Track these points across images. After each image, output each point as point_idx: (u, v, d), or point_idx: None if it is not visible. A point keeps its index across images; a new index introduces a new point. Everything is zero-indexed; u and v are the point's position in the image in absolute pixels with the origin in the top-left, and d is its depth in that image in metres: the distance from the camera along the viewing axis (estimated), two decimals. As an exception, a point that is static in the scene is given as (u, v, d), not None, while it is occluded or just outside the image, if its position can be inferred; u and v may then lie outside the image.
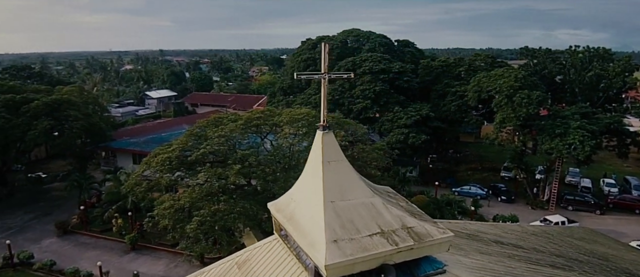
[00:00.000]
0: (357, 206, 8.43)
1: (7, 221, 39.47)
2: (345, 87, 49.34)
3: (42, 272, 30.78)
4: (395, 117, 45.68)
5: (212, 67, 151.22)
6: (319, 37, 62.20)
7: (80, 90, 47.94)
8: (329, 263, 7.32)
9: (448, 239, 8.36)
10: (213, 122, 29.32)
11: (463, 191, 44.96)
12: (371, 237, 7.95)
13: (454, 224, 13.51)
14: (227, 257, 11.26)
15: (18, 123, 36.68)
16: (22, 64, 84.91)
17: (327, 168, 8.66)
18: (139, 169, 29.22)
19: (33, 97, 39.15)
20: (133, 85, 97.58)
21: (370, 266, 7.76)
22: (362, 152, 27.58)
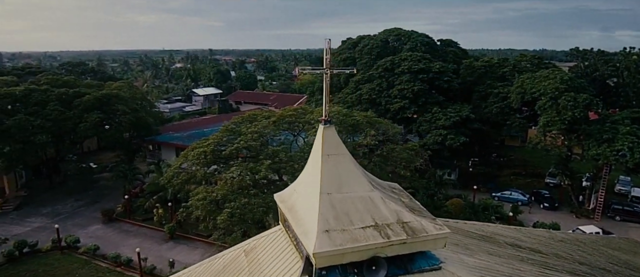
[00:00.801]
0: (354, 199, 8.55)
1: (58, 207, 42.32)
2: (383, 87, 49.01)
3: (87, 255, 32.77)
4: (434, 118, 44.86)
5: (258, 67, 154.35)
6: (360, 37, 62.16)
7: (128, 86, 50.57)
8: (317, 251, 7.51)
9: (444, 236, 8.31)
10: (248, 119, 30.17)
11: (503, 196, 43.54)
12: (364, 229, 8.05)
13: (469, 225, 13.26)
14: (237, 245, 11.70)
15: (70, 116, 39.24)
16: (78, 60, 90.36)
17: (326, 161, 8.83)
18: (177, 162, 30.58)
19: (85, 92, 41.77)
20: (181, 82, 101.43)
21: (361, 258, 7.86)
22: (392, 152, 27.39)
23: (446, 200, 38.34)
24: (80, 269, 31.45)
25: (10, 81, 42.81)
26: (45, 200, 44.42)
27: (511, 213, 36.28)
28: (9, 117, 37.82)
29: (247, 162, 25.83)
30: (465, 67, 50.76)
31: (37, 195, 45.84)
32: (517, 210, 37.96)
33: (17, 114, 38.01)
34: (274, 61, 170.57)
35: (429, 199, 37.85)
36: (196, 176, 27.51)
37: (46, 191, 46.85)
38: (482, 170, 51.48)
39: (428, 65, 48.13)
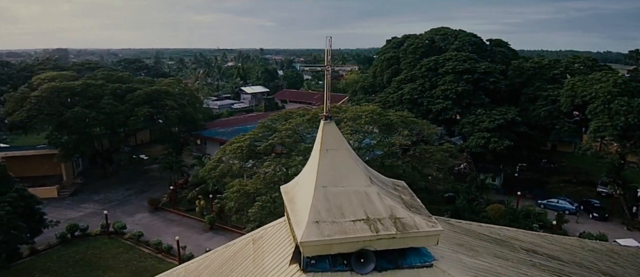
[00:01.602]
0: (349, 193, 8.75)
1: (109, 195, 45.10)
2: (426, 87, 48.23)
3: (131, 241, 34.75)
4: (477, 120, 43.61)
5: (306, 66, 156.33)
6: (405, 36, 61.34)
7: (177, 82, 52.97)
8: (303, 240, 7.80)
9: (436, 233, 8.35)
10: (283, 117, 30.86)
11: (549, 204, 41.56)
12: (354, 222, 8.25)
13: (484, 228, 13.00)
14: (248, 234, 12.19)
15: (122, 109, 41.77)
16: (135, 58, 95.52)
17: (324, 155, 9.10)
18: (216, 156, 31.80)
19: (137, 87, 44.29)
20: (231, 80, 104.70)
21: (349, 249, 8.07)
22: (425, 153, 27.02)
23: (487, 205, 37.18)
24: (125, 254, 33.40)
25: (70, 76, 46.21)
26: (98, 188, 47.46)
27: (555, 222, 34.62)
28: (67, 109, 40.81)
29: (280, 158, 26.44)
30: (513, 68, 48.89)
31: (91, 183, 49.06)
32: (562, 219, 36.13)
33: (74, 106, 40.96)
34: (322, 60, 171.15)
35: (468, 203, 36.89)
36: (232, 169, 28.49)
37: (100, 179, 50.02)
38: (530, 176, 49.36)
39: (473, 66, 46.83)
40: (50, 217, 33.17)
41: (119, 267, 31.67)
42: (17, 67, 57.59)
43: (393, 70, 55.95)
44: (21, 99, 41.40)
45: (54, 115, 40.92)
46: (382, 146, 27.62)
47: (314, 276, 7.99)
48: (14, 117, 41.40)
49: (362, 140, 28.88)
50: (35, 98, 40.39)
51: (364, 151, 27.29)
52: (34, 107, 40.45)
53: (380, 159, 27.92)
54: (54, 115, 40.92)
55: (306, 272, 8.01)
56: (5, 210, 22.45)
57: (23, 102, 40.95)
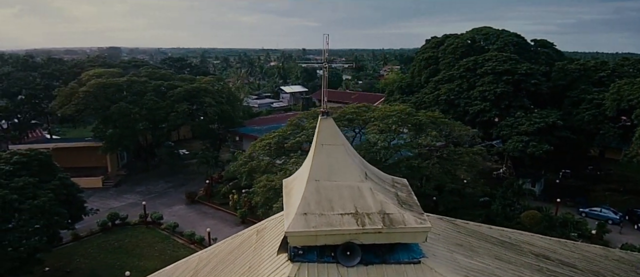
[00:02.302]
0: (341, 187, 8.89)
1: (150, 187, 47.19)
2: (463, 87, 47.15)
3: (167, 231, 36.26)
4: (516, 123, 42.17)
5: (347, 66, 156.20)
6: (445, 36, 60.12)
7: (217, 80, 54.61)
8: (289, 230, 8.04)
9: (424, 229, 8.33)
10: (312, 115, 31.19)
11: (592, 213, 39.56)
12: (342, 216, 8.39)
13: (495, 230, 12.70)
14: (255, 225, 12.57)
15: (163, 105, 43.61)
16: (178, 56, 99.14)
17: (320, 150, 9.28)
18: (247, 152, 32.64)
19: (178, 85, 46.08)
20: (272, 80, 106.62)
21: (335, 242, 8.21)
22: (454, 154, 26.50)
23: (521, 212, 35.94)
24: (160, 243, 34.91)
25: (116, 73, 48.75)
26: (140, 180, 49.77)
27: (595, 231, 32.97)
28: (112, 104, 43.11)
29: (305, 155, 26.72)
30: (557, 70, 46.86)
31: (134, 175, 51.51)
32: (604, 228, 34.34)
33: (119, 101, 43.19)
34: (362, 60, 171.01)
35: (503, 208, 35.83)
36: (261, 165, 29.16)
37: (142, 172, 52.41)
38: (572, 183, 47.17)
39: (514, 66, 45.29)
40: (93, 206, 35.21)
41: (154, 255, 33.14)
42: (69, 64, 61.41)
43: (431, 71, 55.03)
44: (70, 93, 44.15)
45: (100, 110, 43.35)
46: (409, 147, 27.37)
47: (301, 266, 8.20)
48: (63, 110, 44.22)
49: (391, 140, 28.73)
50: (83, 93, 42.95)
51: (391, 151, 27.14)
52: (82, 102, 43.01)
53: (406, 160, 27.72)
54: (100, 109, 43.36)
55: (294, 262, 8.24)
56: (48, 197, 24.06)
57: (72, 96, 43.66)
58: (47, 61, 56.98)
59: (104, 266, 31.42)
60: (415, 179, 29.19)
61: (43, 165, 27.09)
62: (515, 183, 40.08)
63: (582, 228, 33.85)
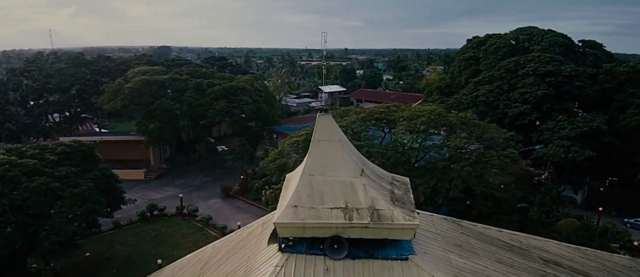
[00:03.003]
0: (334, 182, 9.11)
1: (189, 180, 48.98)
2: (503, 89, 45.76)
3: (201, 223, 37.57)
4: (557, 127, 40.45)
5: (388, 66, 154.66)
6: (487, 35, 58.50)
7: (255, 79, 55.89)
8: (277, 221, 8.37)
9: (411, 226, 8.42)
10: (340, 114, 31.38)
11: (637, 223, 37.43)
12: (331, 209, 8.61)
13: (505, 234, 12.45)
14: (261, 218, 12.98)
15: (202, 102, 45.22)
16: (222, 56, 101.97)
17: (315, 146, 9.54)
18: (278, 149, 33.30)
19: (217, 83, 47.60)
20: (311, 80, 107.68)
21: (323, 234, 8.46)
22: (482, 157, 25.88)
23: (557, 220, 34.47)
24: (194, 234, 36.23)
25: (160, 70, 50.99)
26: (180, 173, 51.75)
27: (637, 243, 31.16)
28: (155, 100, 45.15)
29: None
30: (604, 73, 44.47)
31: (175, 168, 53.59)
32: (648, 240, 32.36)
33: (161, 98, 45.18)
34: (406, 60, 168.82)
35: (540, 216, 34.56)
36: (289, 162, 29.66)
37: (183, 166, 54.45)
38: (619, 191, 44.63)
39: (557, 68, 43.50)
40: (135, 197, 37.10)
41: (187, 245, 34.39)
42: (117, 61, 64.81)
43: (472, 71, 53.75)
44: (117, 89, 46.63)
45: (143, 105, 45.51)
46: (437, 148, 27.02)
47: (290, 256, 8.50)
48: (110, 105, 46.80)
49: (422, 141, 28.43)
50: (128, 89, 45.25)
51: (417, 152, 26.90)
52: (127, 97, 45.31)
53: (434, 162, 27.38)
54: (143, 105, 45.51)
55: (283, 253, 8.55)
56: (88, 186, 25.63)
57: (118, 92, 46.09)
58: (97, 58, 60.55)
59: (141, 254, 33.00)
60: (445, 181, 28.77)
61: (85, 156, 28.84)
62: (554, 189, 38.45)
63: (623, 239, 32.08)
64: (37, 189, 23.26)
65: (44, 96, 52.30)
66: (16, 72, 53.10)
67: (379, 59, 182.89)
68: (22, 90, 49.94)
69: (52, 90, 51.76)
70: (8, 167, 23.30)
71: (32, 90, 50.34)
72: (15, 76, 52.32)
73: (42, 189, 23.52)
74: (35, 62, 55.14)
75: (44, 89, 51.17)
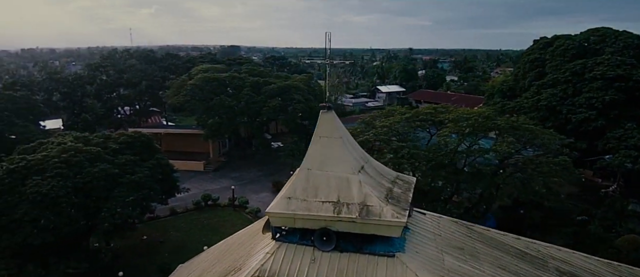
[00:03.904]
0: (330, 177, 9.47)
1: (243, 173, 51.03)
2: (568, 93, 43.08)
3: (250, 215, 39.07)
4: (626, 135, 37.47)
5: (454, 66, 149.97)
6: (555, 36, 55.16)
7: (308, 79, 56.94)
8: (269, 210, 8.89)
9: (398, 224, 8.59)
10: (385, 114, 31.29)
11: None
12: (323, 203, 8.98)
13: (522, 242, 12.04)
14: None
15: (258, 100, 46.96)
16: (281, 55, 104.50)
17: (316, 142, 9.96)
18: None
19: (272, 81, 49.17)
20: (370, 80, 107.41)
21: (312, 226, 8.85)
22: (530, 164, 24.67)
23: (617, 236, 31.96)
24: (242, 225, 36.75)
25: (221, 69, 53.54)
26: (236, 167, 53.99)
27: None
28: (215, 96, 47.59)
29: (371, 153, 27.03)
30: (684, 79, 40.44)
31: (232, 162, 55.97)
32: None
33: (220, 95, 47.51)
34: (473, 61, 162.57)
35: (598, 230, 32.24)
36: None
37: (240, 160, 56.73)
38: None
39: (629, 72, 40.25)
40: (193, 186, 39.37)
41: (235, 236, 36.15)
42: (183, 59, 68.81)
43: (536, 74, 51.05)
44: (180, 85, 49.64)
45: (203, 101, 48.08)
46: (481, 153, 26.21)
47: (282, 245, 8.99)
48: (174, 100, 49.96)
49: (471, 144, 27.72)
50: (190, 86, 48.05)
51: (460, 155, 26.25)
52: (189, 93, 48.13)
53: (480, 167, 26.56)
54: (203, 101, 48.08)
55: (276, 241, 9.05)
56: (144, 173, 27.70)
57: (181, 88, 49.07)
58: (165, 56, 64.76)
59: (192, 240, 35.01)
60: (491, 188, 27.82)
61: (144, 146, 31.14)
62: (618, 202, 35.64)
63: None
64: (98, 174, 25.53)
65: (116, 90, 56.95)
66: (92, 68, 58.26)
67: (445, 60, 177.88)
68: (97, 84, 54.71)
69: (123, 84, 56.23)
70: (74, 153, 25.81)
71: (106, 85, 55.00)
72: (92, 71, 57.42)
73: (103, 175, 25.77)
74: (110, 59, 60.22)
75: (116, 83, 55.71)
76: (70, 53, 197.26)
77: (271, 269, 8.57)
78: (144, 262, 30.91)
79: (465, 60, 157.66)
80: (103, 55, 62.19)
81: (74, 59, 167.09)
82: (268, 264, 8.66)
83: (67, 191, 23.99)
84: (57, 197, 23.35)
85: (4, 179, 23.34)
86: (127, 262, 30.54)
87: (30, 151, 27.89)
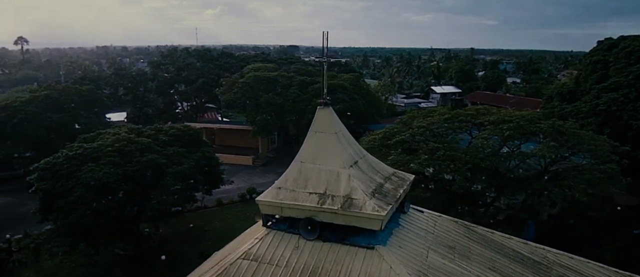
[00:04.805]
0: (321, 170, 9.92)
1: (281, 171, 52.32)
2: (630, 98, 40.16)
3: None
4: (694, 144, 34.35)
5: (517, 68, 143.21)
6: (621, 37, 51.47)
7: (356, 78, 57.11)
8: (259, 199, 9.51)
9: (377, 217, 8.87)
10: (424, 114, 30.94)
11: None
12: (309, 194, 9.46)
13: (529, 246, 11.79)
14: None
15: (303, 98, 47.93)
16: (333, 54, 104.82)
17: (312, 136, 10.45)
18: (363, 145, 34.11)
19: (318, 80, 49.90)
20: (424, 80, 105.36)
21: (298, 215, 9.35)
22: (571, 171, 23.43)
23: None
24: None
25: (271, 67, 55.15)
26: (283, 163, 54.67)
27: None
28: (264, 94, 49.21)
29: (404, 155, 26.91)
30: None
31: (280, 158, 57.40)
32: None
33: (268, 93, 49.07)
34: (540, 63, 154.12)
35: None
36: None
37: (287, 156, 57.64)
38: None
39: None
40: (241, 180, 40.93)
41: (274, 229, 37.31)
42: (238, 57, 71.40)
43: (598, 76, 48.00)
44: (232, 83, 51.77)
45: (253, 99, 49.87)
46: (521, 157, 25.30)
47: (271, 232, 9.58)
48: (226, 97, 52.23)
49: (515, 148, 26.86)
50: (241, 83, 50.01)
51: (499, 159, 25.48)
52: (240, 91, 50.10)
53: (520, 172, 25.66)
54: (253, 98, 49.87)
55: (267, 228, 9.66)
56: (190, 165, 29.42)
57: (233, 86, 51.17)
58: (221, 55, 67.58)
59: (234, 230, 35.93)
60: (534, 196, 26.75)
61: (192, 139, 33.01)
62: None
63: None
64: (147, 163, 27.48)
65: (174, 86, 60.40)
66: (154, 65, 62.19)
67: (508, 60, 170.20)
68: (158, 81, 58.32)
69: (181, 81, 59.51)
70: (126, 143, 27.97)
71: (165, 81, 58.48)
72: (154, 68, 61.27)
73: (151, 164, 27.71)
74: (170, 57, 63.91)
75: (175, 80, 59.10)
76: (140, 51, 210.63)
77: (256, 253, 9.17)
78: (188, 248, 32.82)
79: (530, 62, 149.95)
80: (163, 54, 66.15)
81: (143, 57, 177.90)
82: (254, 248, 9.27)
83: (118, 177, 26.04)
84: (108, 183, 25.45)
85: (63, 164, 25.80)
86: (173, 247, 32.61)
87: (89, 139, 30.52)
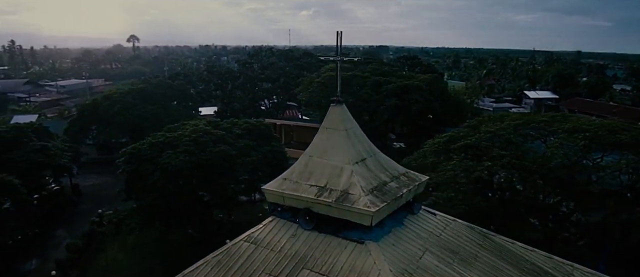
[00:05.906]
0: (327, 165, 10.37)
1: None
2: None
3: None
4: None
5: (630, 74, 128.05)
6: None
7: (433, 79, 55.51)
8: (264, 187, 10.23)
9: (367, 213, 9.11)
10: (494, 119, 29.55)
11: None
12: (310, 186, 9.98)
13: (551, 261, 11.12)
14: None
15: (376, 98, 47.91)
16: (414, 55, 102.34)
17: (322, 132, 10.93)
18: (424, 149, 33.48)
19: (393, 81, 49.55)
20: (517, 84, 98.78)
21: (297, 205, 9.92)
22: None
23: None
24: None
25: (347, 67, 55.73)
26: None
27: None
28: (336, 94, 50.05)
29: (466, 160, 26.02)
30: None
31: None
32: None
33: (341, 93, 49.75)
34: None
35: None
36: (426, 164, 29.73)
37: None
38: None
39: None
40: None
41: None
42: (316, 58, 73.07)
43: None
44: (309, 82, 53.38)
45: (327, 98, 50.96)
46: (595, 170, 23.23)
47: (274, 219, 10.27)
48: (303, 96, 54.00)
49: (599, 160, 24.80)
50: (317, 83, 51.38)
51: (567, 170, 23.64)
52: (316, 90, 51.52)
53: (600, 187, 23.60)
54: (327, 98, 50.95)
55: (272, 216, 10.39)
56: (257, 157, 31.25)
57: (310, 85, 52.75)
58: (302, 55, 69.70)
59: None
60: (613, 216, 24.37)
61: (262, 133, 34.95)
62: None
63: None
64: (218, 153, 29.74)
65: (258, 84, 63.72)
66: (241, 64, 66.10)
67: (619, 66, 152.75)
68: (244, 78, 61.95)
69: (265, 79, 62.60)
70: (201, 135, 30.52)
71: (250, 79, 61.92)
72: (241, 67, 65.16)
73: (222, 155, 29.93)
74: (255, 56, 67.47)
75: (259, 78, 62.32)
76: (238, 50, 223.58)
77: (257, 237, 9.88)
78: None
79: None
80: (249, 53, 70.00)
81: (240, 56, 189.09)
82: (256, 233, 9.99)
83: (191, 165, 28.57)
84: (183, 169, 28.05)
85: (146, 150, 28.94)
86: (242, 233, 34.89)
87: (172, 130, 33.75)
